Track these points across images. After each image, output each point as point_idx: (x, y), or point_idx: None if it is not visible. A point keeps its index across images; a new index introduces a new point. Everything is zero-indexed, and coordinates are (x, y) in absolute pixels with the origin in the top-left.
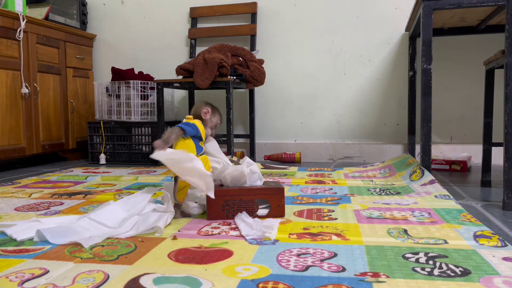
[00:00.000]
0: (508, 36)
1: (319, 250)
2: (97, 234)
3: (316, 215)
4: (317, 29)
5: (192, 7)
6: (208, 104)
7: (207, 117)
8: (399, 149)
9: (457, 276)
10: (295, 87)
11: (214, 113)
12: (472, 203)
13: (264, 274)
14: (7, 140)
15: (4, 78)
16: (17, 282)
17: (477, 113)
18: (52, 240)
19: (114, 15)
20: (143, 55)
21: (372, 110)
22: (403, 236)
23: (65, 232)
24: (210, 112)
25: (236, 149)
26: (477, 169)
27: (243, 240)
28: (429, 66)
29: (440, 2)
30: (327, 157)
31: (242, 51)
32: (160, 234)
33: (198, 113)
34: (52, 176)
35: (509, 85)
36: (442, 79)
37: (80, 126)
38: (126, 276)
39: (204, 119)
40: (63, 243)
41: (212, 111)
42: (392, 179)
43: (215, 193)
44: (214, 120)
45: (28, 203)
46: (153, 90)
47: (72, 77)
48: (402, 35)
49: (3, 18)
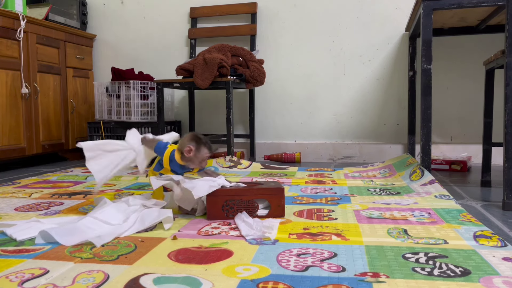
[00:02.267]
0: (508, 36)
1: (319, 250)
2: (104, 233)
3: (316, 215)
4: (317, 29)
5: (192, 7)
6: (194, 140)
7: (190, 155)
8: (399, 149)
9: (457, 276)
10: (295, 87)
11: (199, 148)
12: (472, 203)
13: (264, 274)
14: (7, 140)
15: (4, 78)
16: (17, 282)
17: (477, 113)
18: (61, 240)
19: (114, 15)
20: (143, 55)
21: (372, 110)
22: (403, 236)
23: (72, 231)
24: (194, 149)
25: (236, 149)
26: (477, 169)
27: (243, 240)
28: (429, 66)
29: (440, 2)
30: (327, 157)
31: (242, 51)
32: (170, 225)
33: (181, 149)
34: (52, 176)
35: (509, 85)
36: (442, 79)
37: (80, 126)
38: (126, 276)
39: (187, 156)
40: (73, 243)
41: (197, 148)
42: (392, 179)
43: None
44: (200, 156)
45: (28, 203)
46: (153, 90)
47: (72, 77)
48: (402, 35)
49: (3, 18)
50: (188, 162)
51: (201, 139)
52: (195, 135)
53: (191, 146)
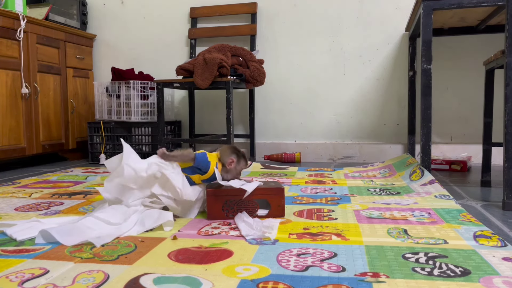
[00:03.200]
0: (508, 36)
1: (319, 250)
2: (104, 233)
3: (316, 215)
4: (317, 29)
5: (192, 7)
6: (234, 152)
7: (232, 167)
8: (399, 149)
9: (457, 276)
10: (295, 87)
11: (239, 161)
12: (472, 203)
13: (264, 274)
14: (7, 140)
15: (4, 78)
16: (17, 282)
17: (477, 113)
18: (61, 240)
19: (114, 15)
20: (143, 55)
21: (372, 110)
22: (403, 236)
23: (72, 231)
24: (235, 162)
25: None
26: (477, 169)
27: (243, 240)
28: (429, 66)
29: (440, 2)
30: (327, 157)
31: (242, 51)
32: (170, 228)
33: (224, 161)
34: (52, 176)
35: (509, 85)
36: (442, 79)
37: (80, 126)
38: (126, 276)
39: (228, 168)
40: (73, 243)
41: (238, 160)
42: (392, 179)
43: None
44: (239, 168)
45: (28, 203)
46: (153, 90)
47: (72, 77)
48: (402, 35)
49: (3, 18)
50: (226, 173)
51: (240, 152)
52: (235, 148)
53: (233, 158)
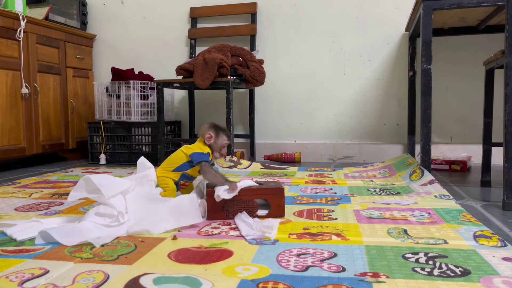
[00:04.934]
0: (508, 36)
1: (319, 250)
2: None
3: (316, 215)
4: (317, 29)
5: (192, 7)
6: (212, 127)
7: (211, 142)
8: (399, 149)
9: (457, 276)
10: (295, 87)
11: (218, 135)
12: (472, 203)
13: (264, 274)
14: (7, 140)
15: (4, 78)
16: (17, 282)
17: (477, 113)
18: (61, 240)
19: (114, 15)
20: (143, 55)
21: (372, 110)
22: (403, 236)
23: (72, 231)
24: (214, 136)
25: (236, 149)
26: (477, 169)
27: (243, 240)
28: (429, 66)
29: (440, 2)
30: (327, 157)
31: (242, 51)
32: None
33: (203, 138)
34: (52, 176)
35: (509, 85)
36: (442, 79)
37: (80, 126)
38: (126, 276)
39: (209, 144)
40: (73, 243)
41: (216, 134)
42: (392, 179)
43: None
44: (219, 142)
45: (28, 203)
46: (153, 90)
47: (72, 77)
48: (402, 35)
49: (3, 18)
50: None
51: (219, 126)
52: (213, 123)
53: (210, 133)
